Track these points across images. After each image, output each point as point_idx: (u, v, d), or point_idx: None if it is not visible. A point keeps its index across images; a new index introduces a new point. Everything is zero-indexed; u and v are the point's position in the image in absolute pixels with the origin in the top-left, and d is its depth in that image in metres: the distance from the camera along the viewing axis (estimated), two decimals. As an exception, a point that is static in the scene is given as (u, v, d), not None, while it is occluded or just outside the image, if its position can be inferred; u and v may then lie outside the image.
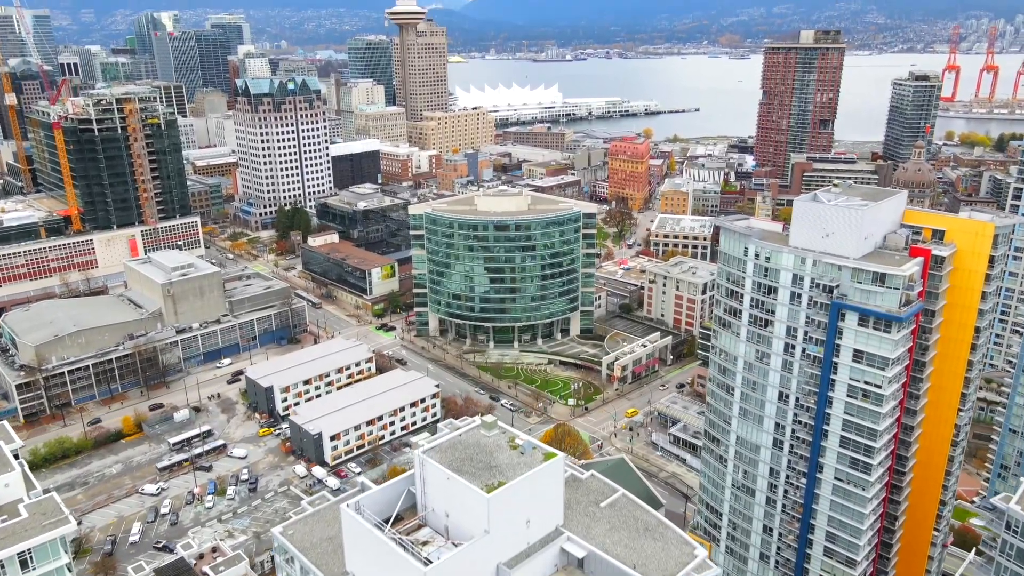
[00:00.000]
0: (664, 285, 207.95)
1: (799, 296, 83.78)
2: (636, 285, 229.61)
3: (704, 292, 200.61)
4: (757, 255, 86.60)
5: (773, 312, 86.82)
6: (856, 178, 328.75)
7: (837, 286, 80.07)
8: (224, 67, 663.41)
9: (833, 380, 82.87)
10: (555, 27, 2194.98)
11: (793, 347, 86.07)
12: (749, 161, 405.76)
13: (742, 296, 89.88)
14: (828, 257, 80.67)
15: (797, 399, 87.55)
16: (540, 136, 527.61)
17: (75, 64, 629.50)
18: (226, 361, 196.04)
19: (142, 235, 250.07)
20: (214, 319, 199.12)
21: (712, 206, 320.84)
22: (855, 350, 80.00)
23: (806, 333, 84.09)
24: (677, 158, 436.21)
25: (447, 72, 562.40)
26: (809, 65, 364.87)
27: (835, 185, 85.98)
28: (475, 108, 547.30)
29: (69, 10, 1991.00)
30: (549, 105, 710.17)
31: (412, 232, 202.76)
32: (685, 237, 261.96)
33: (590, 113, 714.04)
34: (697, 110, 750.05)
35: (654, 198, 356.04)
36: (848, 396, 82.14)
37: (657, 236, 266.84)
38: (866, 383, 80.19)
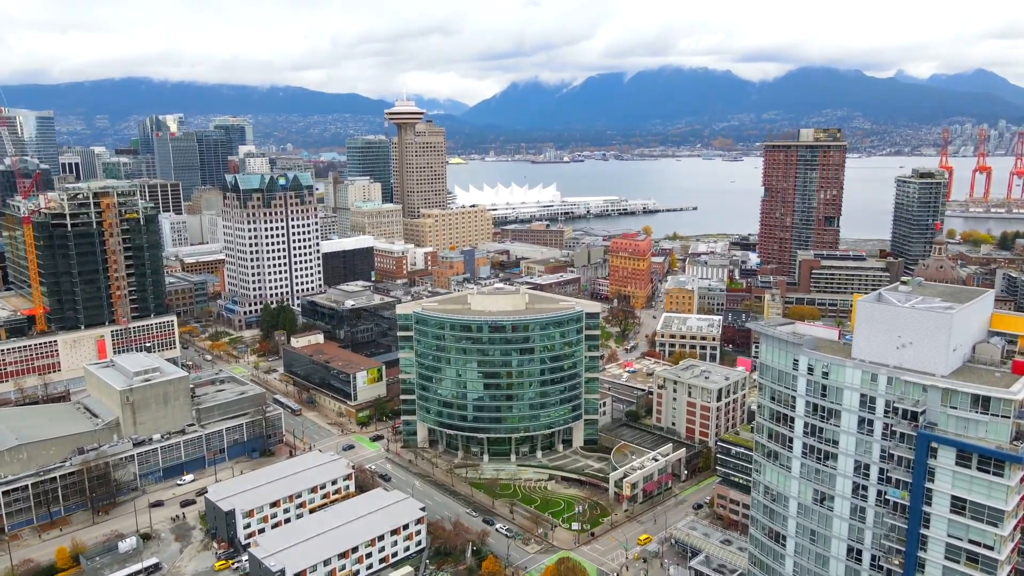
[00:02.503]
0: (675, 391, 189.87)
1: (870, 423, 65.85)
2: (643, 390, 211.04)
3: (720, 399, 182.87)
4: (811, 369, 69.22)
5: (836, 442, 68.61)
6: (868, 276, 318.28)
7: (923, 412, 62.25)
8: (224, 166, 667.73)
9: (924, 536, 63.46)
10: (552, 131, 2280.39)
11: (865, 489, 67.25)
12: (753, 258, 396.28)
13: (792, 420, 72.00)
14: (908, 374, 63.41)
15: (874, 558, 67.68)
16: (539, 234, 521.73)
17: (76, 164, 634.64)
18: (188, 478, 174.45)
19: (112, 336, 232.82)
20: (178, 429, 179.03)
21: (718, 304, 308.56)
22: (954, 497, 61.23)
23: (883, 472, 65.48)
24: (678, 255, 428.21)
25: (446, 170, 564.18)
26: (811, 163, 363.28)
27: (903, 282, 69.91)
28: (473, 206, 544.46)
29: (84, 116, 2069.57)
30: (548, 203, 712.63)
31: (400, 333, 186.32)
32: (693, 337, 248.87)
33: (588, 211, 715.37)
34: (695, 208, 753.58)
35: (656, 296, 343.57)
36: (947, 558, 62.48)
37: (663, 336, 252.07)
38: (972, 542, 60.90)
